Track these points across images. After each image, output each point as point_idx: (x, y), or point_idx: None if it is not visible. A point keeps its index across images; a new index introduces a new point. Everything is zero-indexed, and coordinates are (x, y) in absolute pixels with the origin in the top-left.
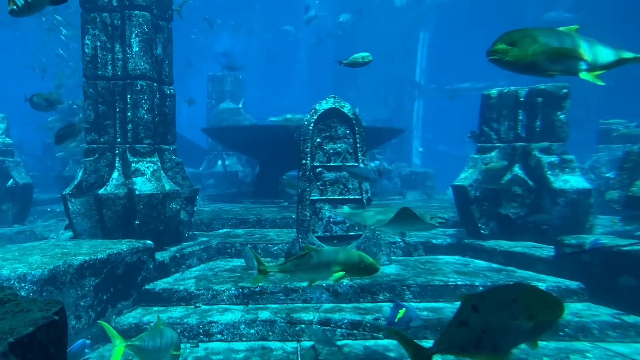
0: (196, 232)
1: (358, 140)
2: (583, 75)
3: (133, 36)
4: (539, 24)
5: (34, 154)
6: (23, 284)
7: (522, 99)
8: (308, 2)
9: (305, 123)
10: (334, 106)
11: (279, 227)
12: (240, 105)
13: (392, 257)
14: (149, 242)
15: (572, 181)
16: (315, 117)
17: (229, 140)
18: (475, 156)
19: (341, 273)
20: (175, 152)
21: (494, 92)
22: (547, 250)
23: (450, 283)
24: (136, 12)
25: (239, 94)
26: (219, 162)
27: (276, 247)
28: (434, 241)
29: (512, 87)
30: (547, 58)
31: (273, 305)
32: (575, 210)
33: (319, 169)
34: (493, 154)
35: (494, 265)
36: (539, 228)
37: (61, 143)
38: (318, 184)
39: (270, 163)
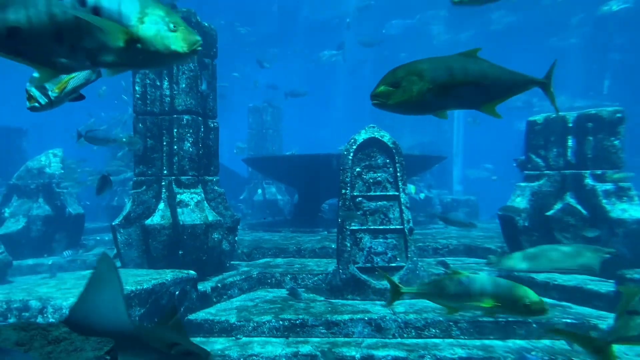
0: (237, 262)
1: (398, 169)
2: (483, 109)
3: (180, 74)
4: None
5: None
6: None
7: (570, 125)
8: (342, 39)
9: (345, 152)
10: (373, 135)
11: (318, 256)
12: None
13: None
14: (192, 272)
15: (631, 210)
16: (354, 147)
17: (268, 169)
18: (522, 184)
19: (489, 304)
20: (218, 183)
21: (539, 118)
22: (605, 285)
23: (501, 319)
24: None
25: (278, 125)
26: (259, 191)
27: (316, 278)
28: (481, 273)
29: (560, 113)
30: (436, 95)
31: (314, 339)
32: (635, 241)
33: (359, 198)
34: (541, 182)
35: (548, 301)
36: None
37: (101, 194)
38: (359, 213)
39: (308, 192)
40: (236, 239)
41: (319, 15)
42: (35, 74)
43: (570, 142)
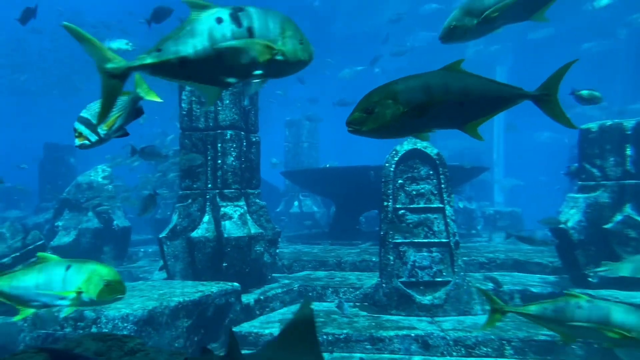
0: (277, 274)
1: (443, 181)
2: (466, 129)
3: (224, 90)
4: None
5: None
6: (125, 324)
7: (629, 132)
8: (377, 53)
9: (386, 164)
10: (415, 147)
11: (359, 270)
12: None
13: (485, 307)
14: (236, 284)
15: None
16: (396, 159)
17: (306, 182)
18: (575, 195)
19: (619, 335)
20: (259, 196)
21: (593, 126)
22: None
23: (558, 338)
24: None
25: (314, 138)
26: (296, 203)
27: (358, 292)
28: (532, 289)
29: (616, 120)
30: (412, 118)
31: (358, 355)
32: None
33: (402, 211)
34: (598, 192)
35: None
36: None
37: (144, 214)
38: (402, 225)
39: (346, 204)
40: (277, 251)
41: (353, 29)
42: (84, 113)
43: (628, 151)
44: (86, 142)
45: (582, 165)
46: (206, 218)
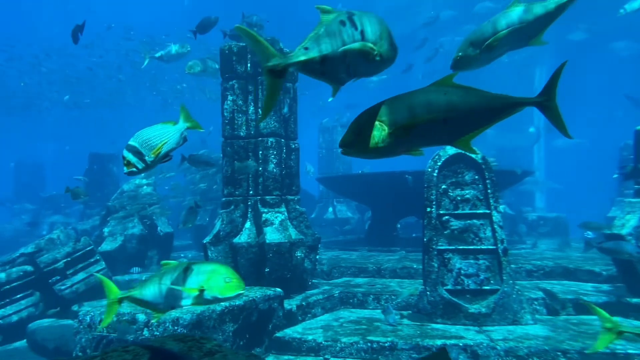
0: (317, 280)
1: (489, 186)
2: (457, 144)
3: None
4: None
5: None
6: (176, 327)
7: None
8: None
9: (429, 170)
10: (459, 151)
11: (399, 277)
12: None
13: (535, 316)
14: (278, 289)
15: None
16: (439, 164)
17: (342, 188)
18: (633, 200)
19: None
20: (299, 202)
21: None
22: None
23: (619, 351)
24: None
25: None
26: (330, 210)
27: (400, 299)
28: (586, 298)
29: None
30: (399, 138)
31: None
32: None
33: (446, 217)
34: None
35: None
36: None
37: (186, 225)
38: (445, 233)
39: (383, 210)
40: (317, 257)
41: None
42: (132, 141)
43: None
44: (134, 169)
45: (638, 168)
46: (248, 224)
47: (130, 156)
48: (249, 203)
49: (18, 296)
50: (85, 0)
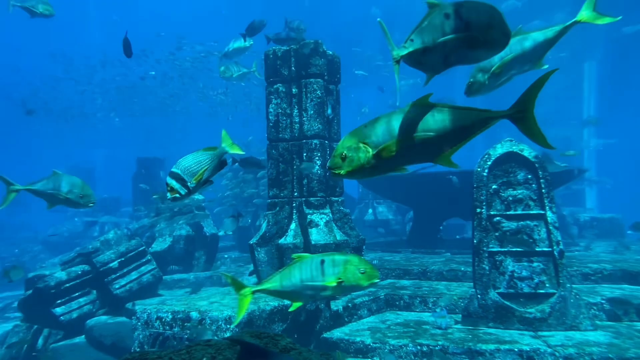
0: None
1: (543, 185)
2: (438, 161)
3: (309, 101)
4: None
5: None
6: (228, 325)
7: None
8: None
9: (478, 169)
10: (511, 150)
11: (446, 279)
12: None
13: (595, 322)
14: None
15: None
16: (489, 163)
17: (384, 189)
18: None
19: None
20: (343, 203)
21: None
22: None
23: None
24: (311, 79)
25: None
26: (370, 211)
27: (448, 302)
28: None
29: None
30: (382, 159)
31: None
32: None
33: (497, 217)
34: None
35: None
36: None
37: (230, 232)
38: (496, 234)
39: (426, 211)
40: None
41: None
42: (174, 169)
43: None
44: (177, 195)
45: None
46: (293, 225)
47: (173, 183)
48: (294, 204)
49: (77, 294)
50: (128, 11)
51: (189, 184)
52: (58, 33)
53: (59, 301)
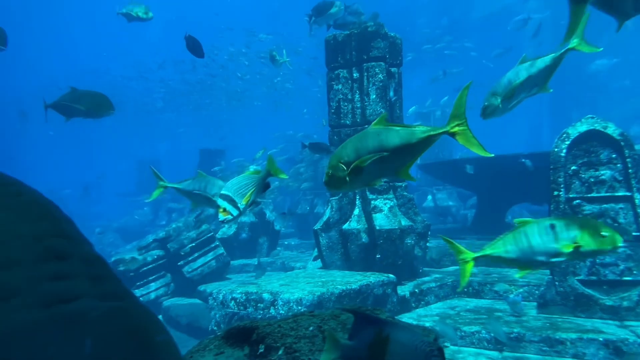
0: (427, 269)
1: (630, 165)
2: (399, 175)
3: (370, 85)
4: None
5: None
6: (300, 307)
7: None
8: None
9: (556, 149)
10: (592, 128)
11: None
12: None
13: None
14: (391, 275)
15: None
16: (567, 142)
17: (446, 174)
18: None
19: None
20: (406, 188)
21: None
22: None
23: None
24: (373, 63)
25: None
26: (429, 198)
27: (522, 290)
28: None
29: None
30: (355, 175)
31: (533, 356)
32: None
33: (577, 200)
34: None
35: None
36: None
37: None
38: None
39: (491, 196)
40: (427, 244)
41: (492, 8)
42: (224, 191)
43: None
44: (229, 216)
45: None
46: (356, 211)
47: (225, 204)
48: (357, 190)
49: (153, 277)
50: (194, 7)
51: (239, 205)
52: (125, 32)
53: (137, 283)
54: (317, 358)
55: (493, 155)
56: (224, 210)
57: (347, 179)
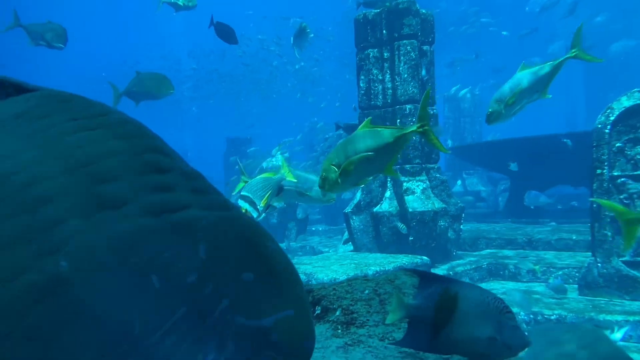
0: (461, 252)
1: None
2: (385, 172)
3: (402, 64)
4: None
5: None
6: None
7: None
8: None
9: (599, 126)
10: (639, 102)
11: (555, 249)
12: None
13: None
14: (425, 257)
15: None
16: (611, 118)
17: (479, 157)
18: None
19: None
20: (439, 170)
21: None
22: None
23: None
24: (404, 41)
25: (477, 112)
26: (459, 182)
27: (561, 272)
28: None
29: None
30: (346, 176)
31: None
32: None
33: (621, 179)
34: None
35: None
36: None
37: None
38: (621, 197)
39: (527, 179)
40: (461, 227)
41: None
42: (244, 192)
43: None
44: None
45: None
46: (388, 193)
47: (247, 206)
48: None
49: None
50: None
51: (258, 206)
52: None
53: None
54: (375, 319)
55: (449, 151)
56: (245, 211)
57: (339, 180)
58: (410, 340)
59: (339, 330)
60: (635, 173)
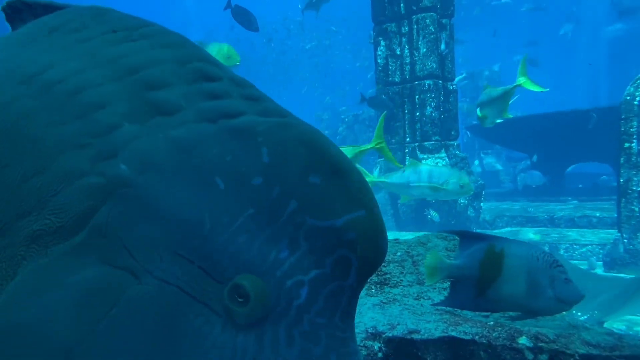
0: (479, 230)
1: None
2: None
3: (420, 38)
4: None
5: None
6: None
7: None
8: None
9: (628, 98)
10: None
11: (578, 226)
12: None
13: None
14: (444, 234)
15: None
16: None
17: (497, 135)
18: None
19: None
20: (459, 147)
21: None
22: None
23: None
24: (423, 14)
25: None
26: (476, 162)
27: (584, 249)
28: None
29: None
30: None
31: None
32: None
33: None
34: None
35: None
36: None
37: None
38: None
39: (548, 156)
40: (481, 205)
41: None
42: None
43: None
44: None
45: None
46: None
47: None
48: (406, 150)
49: None
50: None
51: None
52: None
53: None
54: (409, 279)
55: (402, 166)
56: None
57: None
58: (454, 300)
59: (373, 290)
60: None
